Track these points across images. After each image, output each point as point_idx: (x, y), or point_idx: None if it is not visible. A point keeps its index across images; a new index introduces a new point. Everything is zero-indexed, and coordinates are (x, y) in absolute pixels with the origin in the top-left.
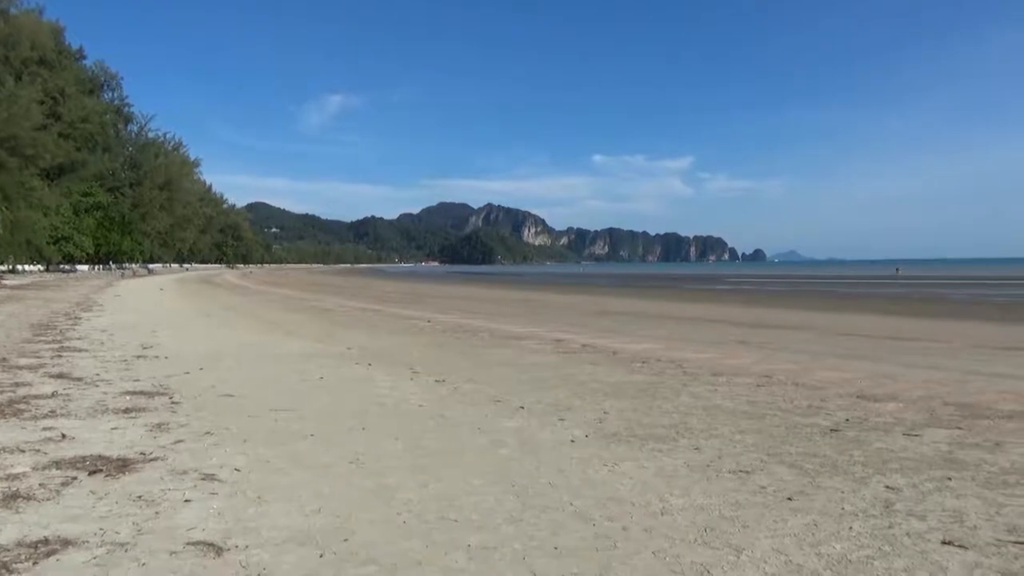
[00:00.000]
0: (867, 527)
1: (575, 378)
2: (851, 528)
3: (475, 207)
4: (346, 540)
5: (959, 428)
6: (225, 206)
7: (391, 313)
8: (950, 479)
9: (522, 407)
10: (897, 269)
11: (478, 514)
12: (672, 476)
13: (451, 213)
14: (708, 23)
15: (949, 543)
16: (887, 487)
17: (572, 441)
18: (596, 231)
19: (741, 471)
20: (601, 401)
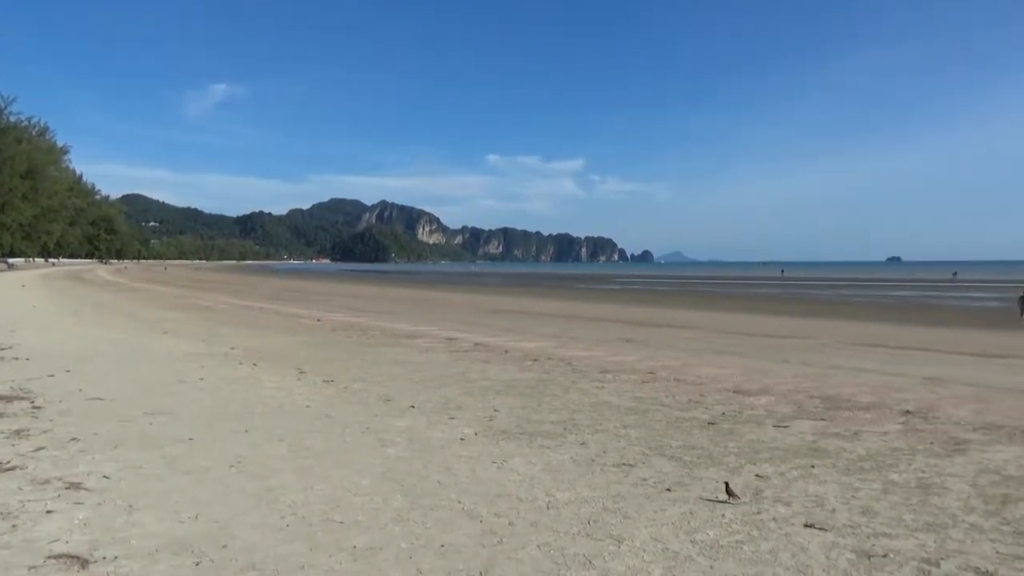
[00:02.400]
0: (738, 514)
1: (466, 376)
2: (724, 515)
3: (369, 204)
4: (225, 546)
5: (823, 419)
6: (97, 197)
7: (278, 311)
8: (813, 467)
9: (412, 406)
10: (783, 271)
11: (364, 515)
12: (559, 471)
13: (343, 210)
14: (600, 26)
15: (811, 526)
16: (757, 475)
17: (462, 439)
18: (490, 230)
19: (624, 464)
20: (492, 399)
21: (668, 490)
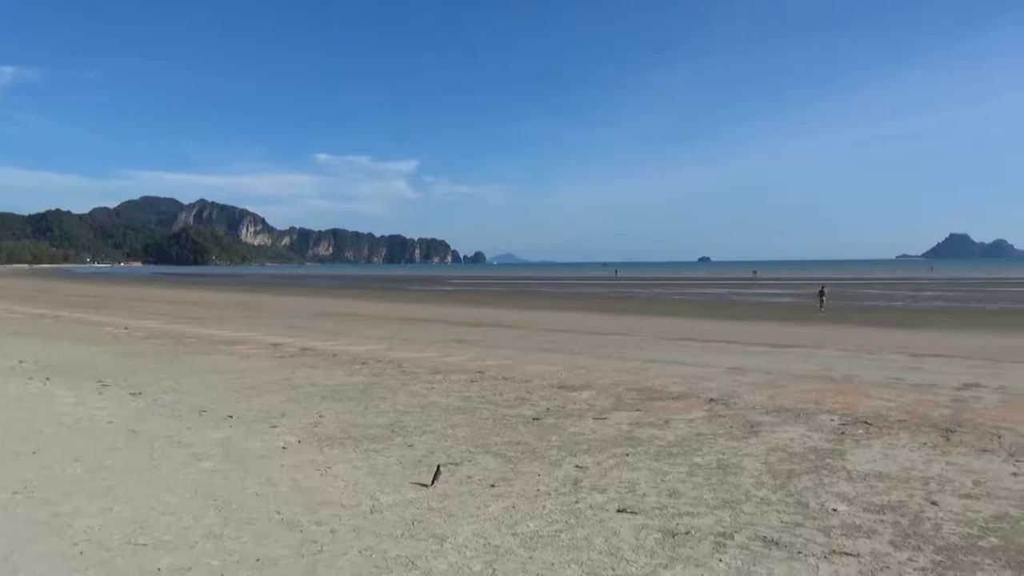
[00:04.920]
0: (558, 504)
1: (291, 383)
2: (544, 507)
3: (185, 203)
4: None
5: (638, 410)
6: None
7: (79, 319)
8: (628, 455)
9: (231, 416)
10: (616, 271)
11: (172, 534)
12: (384, 474)
13: (157, 209)
14: (435, 27)
15: (623, 510)
16: (577, 466)
17: (284, 448)
18: (320, 231)
19: (451, 463)
20: (317, 404)
21: (492, 486)
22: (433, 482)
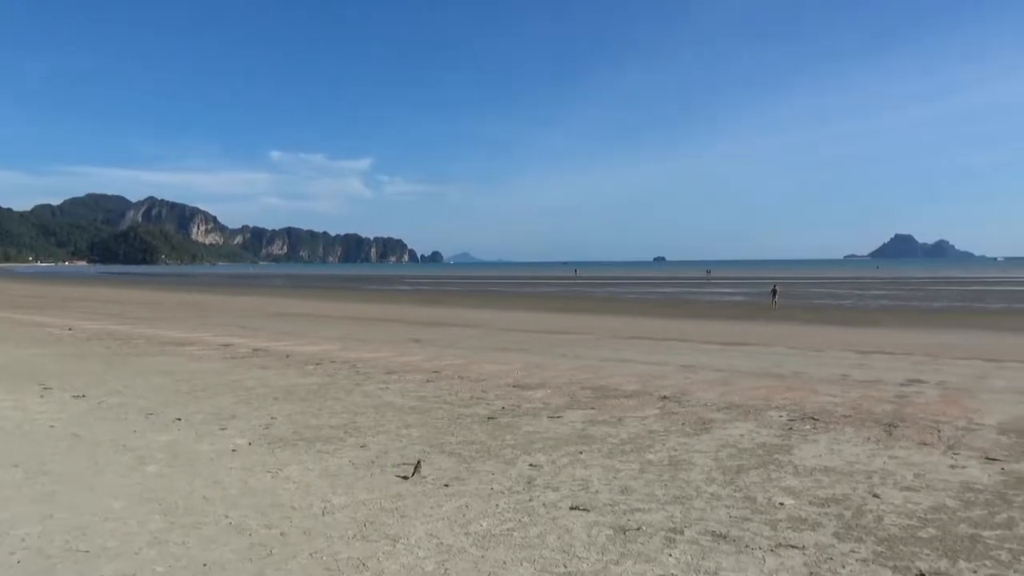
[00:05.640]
0: (511, 503)
1: (243, 384)
2: (498, 505)
3: (133, 200)
4: None
5: (593, 408)
6: None
7: (20, 320)
8: (582, 453)
9: (179, 419)
10: (575, 271)
11: (116, 540)
12: (336, 476)
13: (104, 206)
14: (388, 27)
15: (576, 508)
16: (531, 465)
17: (233, 450)
18: (274, 230)
19: (404, 464)
20: (269, 406)
21: (446, 486)
22: (413, 474)
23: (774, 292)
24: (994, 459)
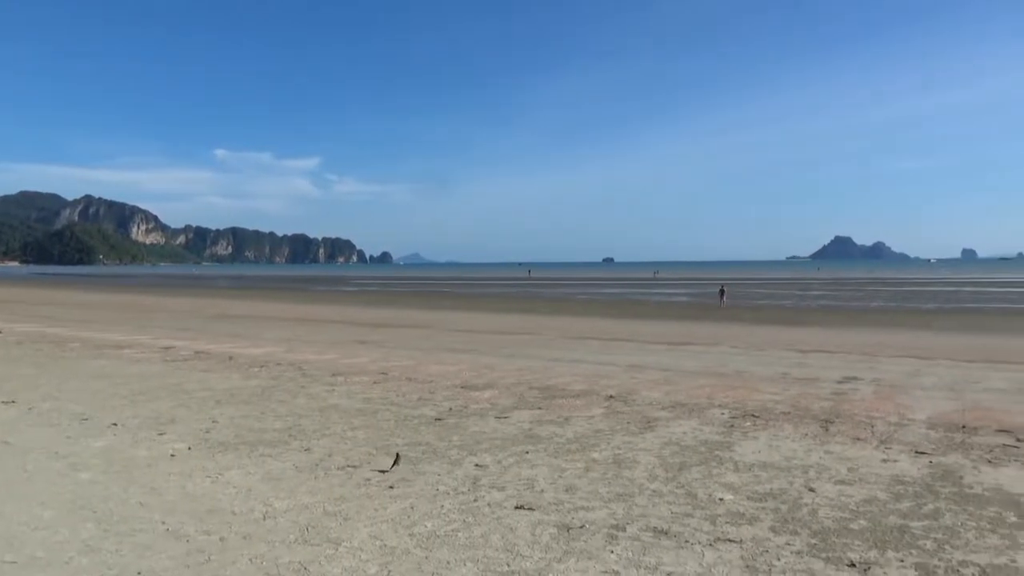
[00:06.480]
0: (456, 503)
1: (183, 387)
2: (443, 506)
3: (69, 199)
4: None
5: (540, 408)
6: None
7: None
8: (528, 452)
9: (115, 424)
10: (529, 271)
11: (45, 550)
12: (279, 479)
13: (37, 204)
14: (339, 27)
15: (521, 507)
16: (477, 465)
17: (172, 455)
18: (219, 230)
19: (349, 466)
20: (211, 410)
21: (391, 487)
22: (393, 467)
23: (722, 292)
24: (923, 453)
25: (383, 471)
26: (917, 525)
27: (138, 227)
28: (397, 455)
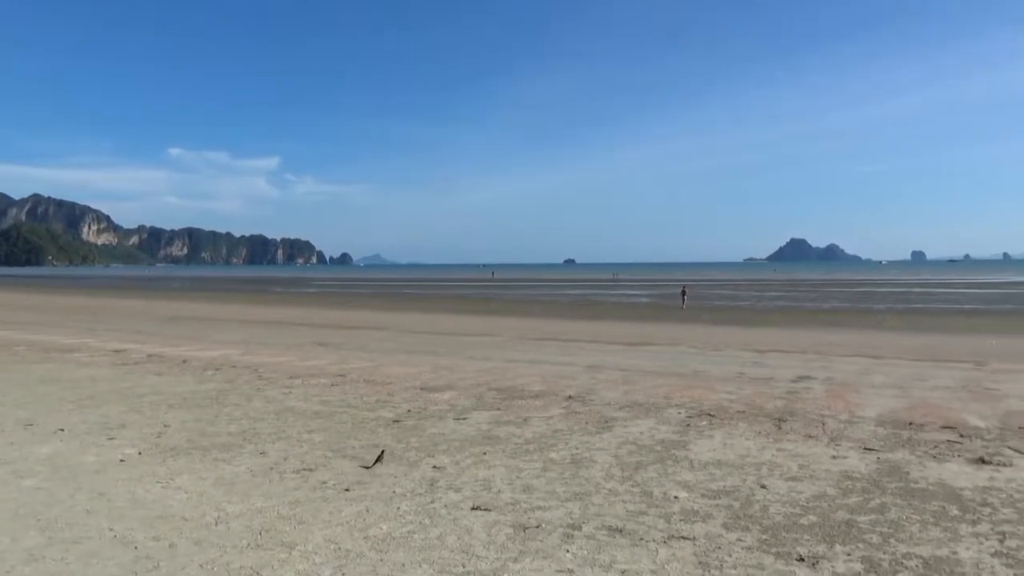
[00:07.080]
0: (413, 505)
1: (134, 391)
2: (399, 508)
3: (16, 198)
4: None
5: (498, 409)
6: None
7: None
8: (486, 454)
9: (61, 429)
10: (492, 273)
11: None
12: (232, 484)
13: None
14: (294, 16)
15: (477, 508)
16: (434, 467)
17: (121, 461)
18: (174, 230)
19: (305, 469)
20: (163, 414)
21: (347, 490)
22: (375, 463)
23: (683, 293)
24: (871, 449)
25: (366, 467)
26: (864, 519)
27: (89, 227)
28: (382, 451)
